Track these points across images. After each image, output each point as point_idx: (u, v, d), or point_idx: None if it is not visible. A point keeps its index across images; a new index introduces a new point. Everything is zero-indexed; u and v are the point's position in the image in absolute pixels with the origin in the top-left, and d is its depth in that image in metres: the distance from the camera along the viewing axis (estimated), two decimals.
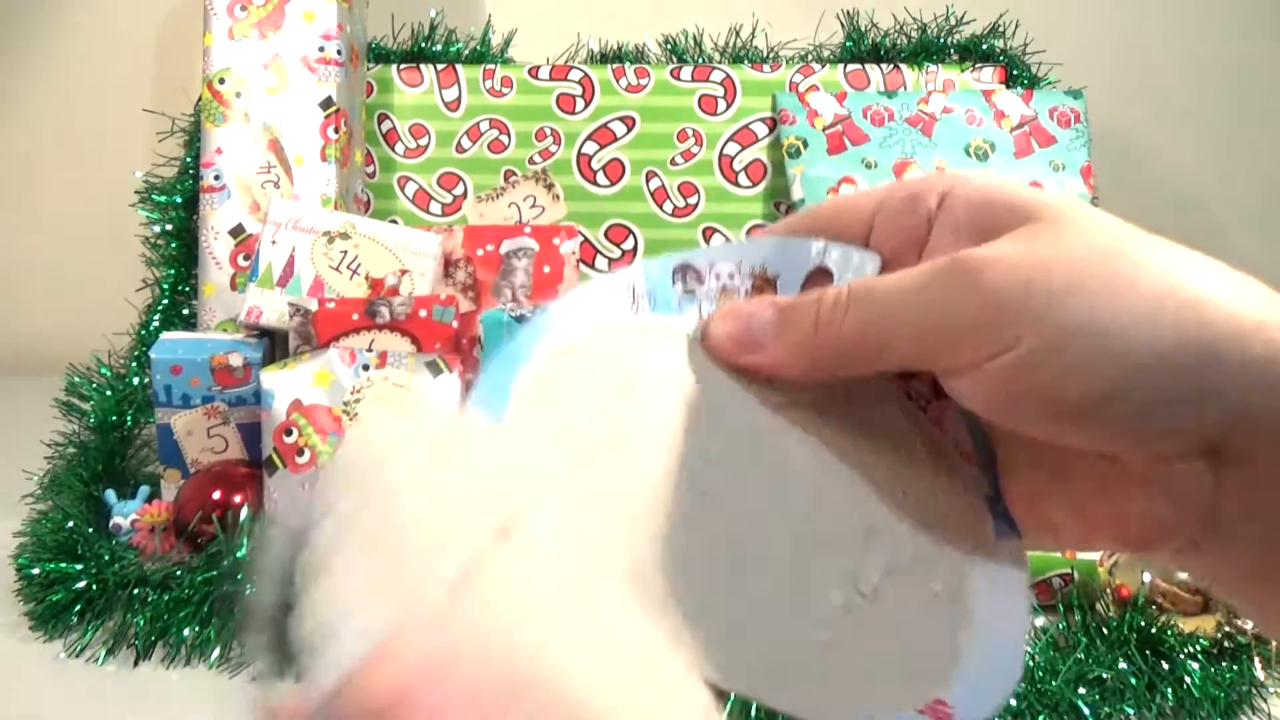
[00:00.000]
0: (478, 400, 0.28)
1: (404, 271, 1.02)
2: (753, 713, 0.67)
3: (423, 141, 1.29)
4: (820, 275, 0.32)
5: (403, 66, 1.30)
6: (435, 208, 1.29)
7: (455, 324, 0.97)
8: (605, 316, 0.30)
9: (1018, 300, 0.26)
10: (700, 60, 1.32)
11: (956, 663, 0.29)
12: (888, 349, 0.28)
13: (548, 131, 1.29)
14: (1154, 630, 0.77)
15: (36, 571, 0.85)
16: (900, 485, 0.30)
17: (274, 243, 1.02)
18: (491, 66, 1.30)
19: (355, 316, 0.95)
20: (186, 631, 0.81)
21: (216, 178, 1.13)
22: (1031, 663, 0.74)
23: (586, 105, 1.29)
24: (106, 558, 0.86)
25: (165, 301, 1.15)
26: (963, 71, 1.30)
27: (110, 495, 0.95)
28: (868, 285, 0.29)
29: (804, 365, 0.30)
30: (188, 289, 1.17)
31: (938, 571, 0.30)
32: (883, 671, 0.28)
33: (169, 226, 1.17)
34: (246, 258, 1.12)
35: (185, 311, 1.16)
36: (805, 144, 1.23)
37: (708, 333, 0.31)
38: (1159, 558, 0.29)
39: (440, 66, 1.30)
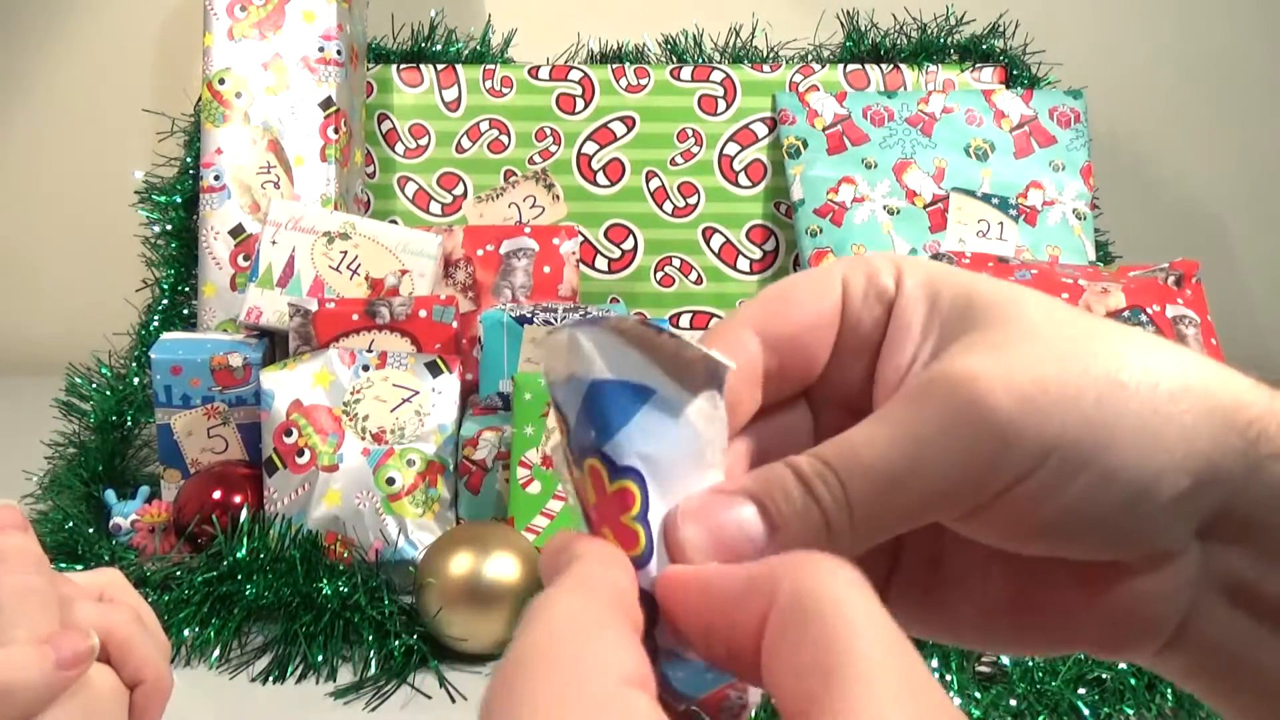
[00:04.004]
0: None
1: (404, 271, 1.03)
2: None
3: (423, 141, 1.29)
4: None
5: (403, 66, 1.30)
6: (435, 208, 1.29)
7: (455, 324, 0.97)
8: None
9: (1029, 427, 0.24)
10: (700, 60, 1.32)
11: None
12: (907, 517, 0.25)
13: (548, 131, 1.29)
14: None
15: None
16: None
17: (274, 243, 1.02)
18: (491, 66, 1.30)
19: (355, 317, 0.95)
20: (186, 632, 0.81)
21: (216, 178, 1.13)
22: (1031, 663, 0.74)
23: (586, 105, 1.29)
24: (106, 558, 0.87)
25: (165, 302, 1.15)
26: (963, 71, 1.30)
27: (110, 495, 0.95)
28: (853, 450, 0.25)
29: None
30: (188, 289, 1.17)
31: None
32: None
33: (169, 226, 1.17)
34: (246, 258, 1.12)
35: (185, 312, 1.16)
36: (805, 144, 1.23)
37: (676, 540, 0.25)
38: (1134, 659, 0.28)
39: (440, 66, 1.30)
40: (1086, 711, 0.72)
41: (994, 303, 0.27)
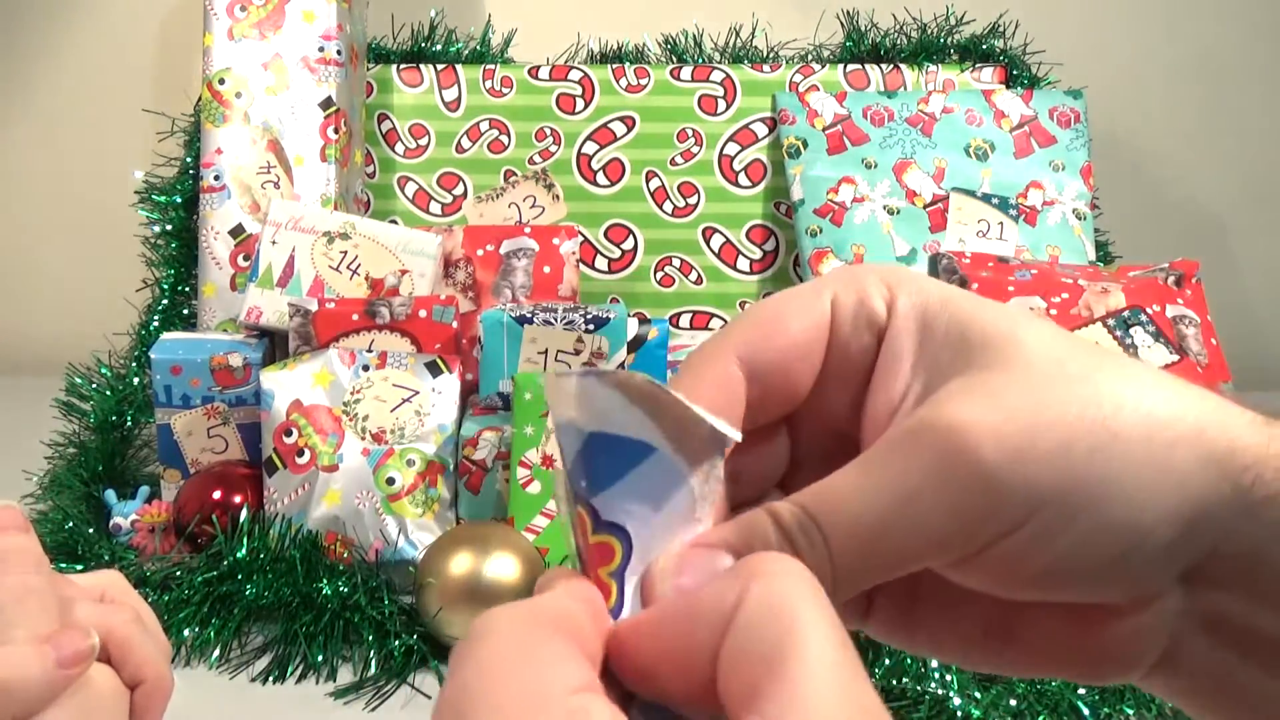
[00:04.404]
0: None
1: (404, 271, 1.03)
2: None
3: (423, 141, 1.29)
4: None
5: (403, 66, 1.30)
6: (435, 208, 1.29)
7: (455, 324, 0.97)
8: None
9: (1019, 481, 0.24)
10: (700, 60, 1.32)
11: None
12: (891, 568, 0.25)
13: (548, 131, 1.29)
14: None
15: None
16: None
17: (274, 243, 1.02)
18: (491, 66, 1.30)
19: (355, 317, 0.95)
20: (186, 632, 0.81)
21: (216, 178, 1.13)
22: None
23: (586, 105, 1.29)
24: (106, 558, 0.86)
25: (165, 301, 1.15)
26: (963, 71, 1.30)
27: (110, 495, 0.95)
28: (837, 501, 0.25)
29: None
30: (188, 289, 1.17)
31: None
32: None
33: (169, 226, 1.17)
34: (246, 258, 1.12)
35: (185, 312, 1.16)
36: (805, 144, 1.23)
37: (653, 597, 0.25)
38: (1115, 683, 0.28)
39: (440, 66, 1.30)
40: (1086, 711, 0.72)
41: (988, 341, 0.26)
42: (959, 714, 0.71)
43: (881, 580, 0.25)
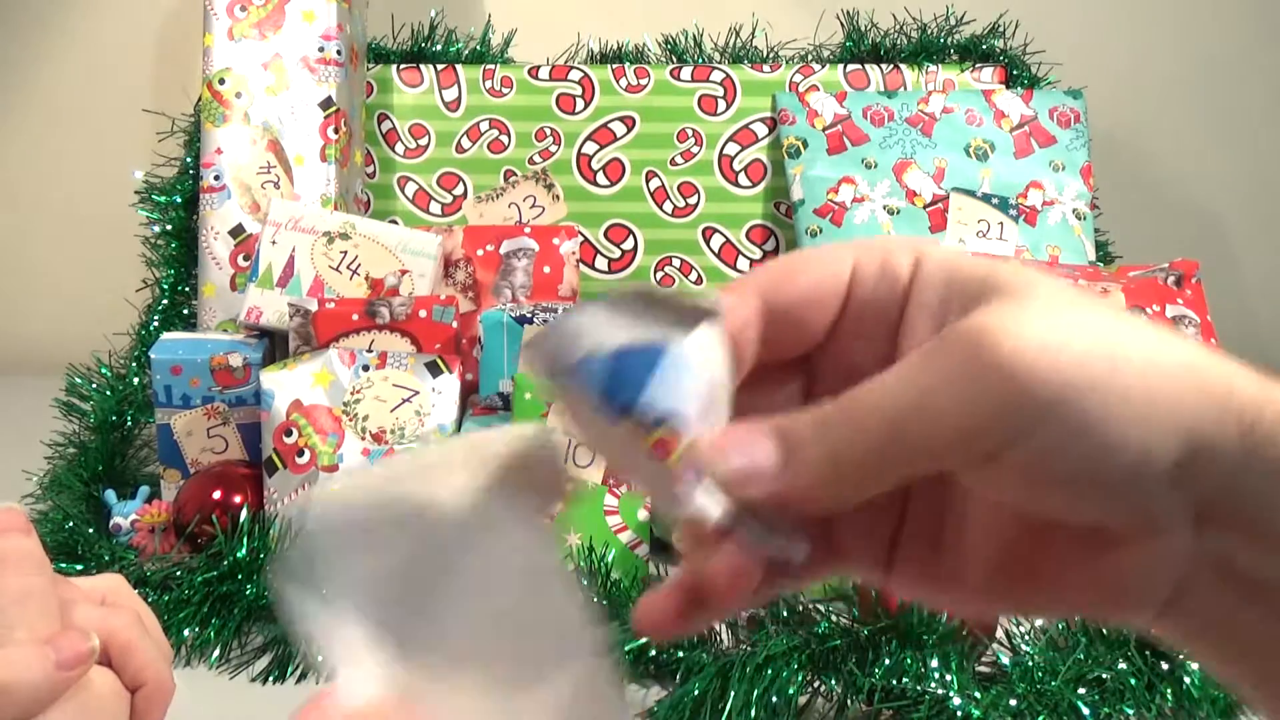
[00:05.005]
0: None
1: (404, 272, 1.03)
2: None
3: (423, 141, 1.29)
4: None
5: (403, 66, 1.30)
6: (435, 208, 1.29)
7: (455, 324, 0.97)
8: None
9: (1035, 381, 0.25)
10: (700, 60, 1.32)
11: None
12: (912, 457, 0.26)
13: (548, 131, 1.29)
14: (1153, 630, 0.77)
15: None
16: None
17: (274, 243, 1.02)
18: (491, 66, 1.30)
19: (355, 317, 0.95)
20: (186, 632, 0.81)
21: (216, 178, 1.13)
22: (1031, 663, 0.74)
23: (586, 105, 1.29)
24: (106, 558, 0.86)
25: (165, 302, 1.15)
26: (963, 71, 1.30)
27: (110, 495, 0.95)
28: (866, 391, 0.27)
29: (826, 494, 0.27)
30: (188, 289, 1.17)
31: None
32: None
33: (169, 226, 1.17)
34: (246, 258, 1.12)
35: (185, 312, 1.16)
36: (805, 144, 1.23)
37: (703, 465, 0.28)
38: (1131, 623, 0.29)
39: (440, 66, 1.30)
40: (1086, 711, 0.72)
41: (1010, 281, 0.28)
42: (959, 714, 0.71)
43: (901, 472, 0.27)
